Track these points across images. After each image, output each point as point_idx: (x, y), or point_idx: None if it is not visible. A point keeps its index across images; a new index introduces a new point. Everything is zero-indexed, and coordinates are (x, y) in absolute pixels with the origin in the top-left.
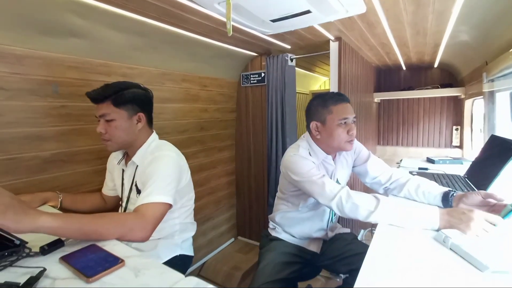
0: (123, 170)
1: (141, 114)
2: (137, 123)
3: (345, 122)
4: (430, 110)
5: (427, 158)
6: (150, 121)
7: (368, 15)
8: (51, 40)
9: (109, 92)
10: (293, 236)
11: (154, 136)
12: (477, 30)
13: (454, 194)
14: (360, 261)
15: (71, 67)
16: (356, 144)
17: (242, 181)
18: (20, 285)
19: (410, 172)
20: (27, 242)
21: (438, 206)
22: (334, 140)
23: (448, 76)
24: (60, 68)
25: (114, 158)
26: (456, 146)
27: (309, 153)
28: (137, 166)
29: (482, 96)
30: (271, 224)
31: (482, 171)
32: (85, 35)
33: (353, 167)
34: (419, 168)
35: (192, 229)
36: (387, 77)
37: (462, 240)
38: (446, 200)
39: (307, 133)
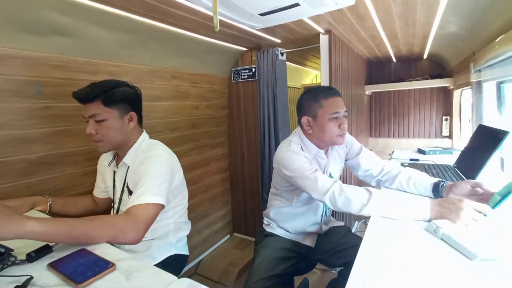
0: (114, 172)
1: (133, 113)
2: (128, 122)
3: (336, 117)
4: (420, 101)
5: (418, 149)
6: (140, 120)
7: (357, 7)
8: (34, 39)
9: (98, 91)
10: (288, 231)
11: (144, 135)
12: (465, 20)
13: (444, 185)
14: (354, 254)
15: (55, 66)
16: (348, 137)
17: (236, 177)
18: None
19: (402, 164)
20: (12, 250)
21: (429, 197)
22: (325, 135)
23: (438, 67)
24: (44, 68)
25: (105, 160)
26: (446, 136)
27: (301, 148)
28: (129, 167)
29: (470, 87)
30: (265, 220)
31: (471, 160)
32: (69, 33)
33: (345, 160)
34: (411, 159)
35: (186, 228)
36: (378, 69)
37: (452, 230)
38: (437, 190)
39: (298, 128)
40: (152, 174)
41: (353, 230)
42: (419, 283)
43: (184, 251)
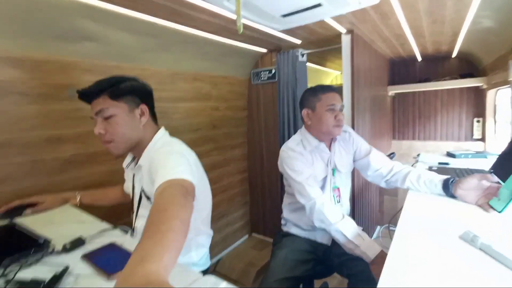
0: (134, 174)
1: (143, 106)
2: (140, 117)
3: (333, 108)
4: (448, 102)
5: (448, 152)
6: (154, 116)
7: (381, 6)
8: (66, 45)
9: (105, 84)
10: (303, 229)
11: (162, 132)
12: (502, 13)
13: (454, 181)
14: (364, 266)
15: (85, 70)
16: (355, 137)
17: (255, 178)
18: (46, 282)
19: (430, 168)
20: (50, 240)
21: (440, 194)
22: (322, 124)
23: (468, 66)
24: (76, 72)
25: (124, 161)
26: (477, 139)
27: (302, 142)
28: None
29: (508, 86)
30: (282, 220)
31: (511, 165)
32: (98, 38)
33: (354, 161)
34: (439, 163)
35: (208, 239)
36: (402, 69)
37: (492, 240)
38: (447, 187)
39: (302, 127)
40: (169, 163)
41: (373, 237)
42: None
43: (206, 265)
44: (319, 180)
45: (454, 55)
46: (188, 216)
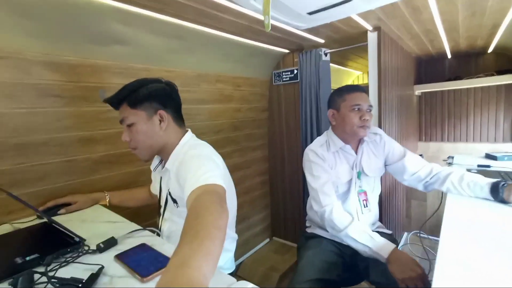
0: (161, 178)
1: (162, 112)
2: (160, 123)
3: (358, 108)
4: (483, 101)
5: (486, 154)
6: (178, 119)
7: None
8: (99, 48)
9: (124, 93)
10: (327, 230)
11: (189, 135)
12: None
13: (505, 185)
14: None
15: (115, 73)
16: (387, 139)
17: (276, 180)
18: (84, 281)
19: (468, 170)
20: (85, 240)
21: (487, 199)
22: (347, 125)
23: (507, 61)
24: (107, 74)
25: (152, 163)
26: None
27: (326, 142)
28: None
29: None
30: (307, 222)
31: None
32: (127, 41)
33: (387, 165)
34: (479, 166)
35: (234, 243)
36: (429, 67)
37: None
38: (496, 191)
39: (329, 127)
40: (200, 168)
41: (401, 244)
42: None
43: (231, 269)
44: (343, 183)
45: (490, 50)
46: (225, 224)
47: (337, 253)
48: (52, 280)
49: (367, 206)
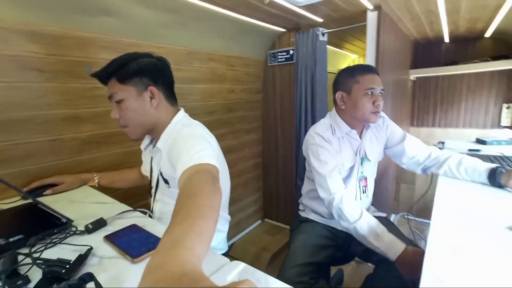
0: (152, 157)
1: (153, 88)
2: (151, 100)
3: (371, 93)
4: (476, 87)
5: (477, 139)
6: (170, 97)
7: None
8: (85, 19)
9: (113, 66)
10: (322, 216)
11: (181, 114)
12: None
13: (504, 171)
14: None
15: (102, 47)
16: (389, 122)
17: (269, 163)
18: (71, 262)
19: None
20: (72, 221)
21: (482, 183)
22: (358, 110)
23: (504, 47)
24: (92, 48)
25: (142, 143)
26: (506, 127)
27: (331, 126)
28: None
29: None
30: (300, 206)
31: None
32: (115, 12)
33: (386, 149)
34: (470, 150)
35: (226, 225)
36: (426, 51)
37: None
38: (493, 177)
39: (333, 109)
40: (193, 147)
41: None
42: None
43: (224, 249)
44: (346, 169)
45: (488, 34)
46: (218, 204)
47: (330, 237)
48: (38, 261)
49: (365, 192)
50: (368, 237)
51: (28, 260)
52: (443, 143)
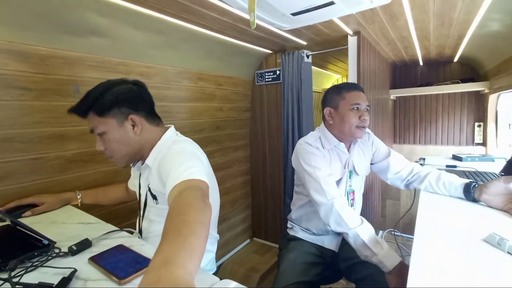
0: (140, 174)
1: (133, 116)
2: (133, 127)
3: (357, 108)
4: (449, 107)
5: (453, 155)
6: (152, 118)
7: (392, 6)
8: (73, 39)
9: (89, 101)
10: (311, 233)
11: (171, 131)
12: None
13: (476, 185)
14: (374, 268)
15: (91, 66)
16: (374, 138)
17: (257, 181)
18: (54, 286)
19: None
20: (55, 242)
21: (460, 198)
22: (345, 124)
23: (469, 71)
24: (81, 68)
25: None
26: (479, 144)
27: (320, 139)
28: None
29: (510, 90)
30: (289, 224)
31: None
32: (104, 33)
33: (372, 164)
34: (447, 166)
35: (215, 244)
36: (403, 73)
37: None
38: (468, 191)
39: (322, 124)
40: (183, 163)
41: None
42: None
43: (212, 270)
44: (334, 181)
45: (456, 59)
46: (208, 220)
47: (318, 255)
48: (17, 286)
49: (353, 206)
50: (368, 243)
51: (8, 285)
52: (424, 159)
